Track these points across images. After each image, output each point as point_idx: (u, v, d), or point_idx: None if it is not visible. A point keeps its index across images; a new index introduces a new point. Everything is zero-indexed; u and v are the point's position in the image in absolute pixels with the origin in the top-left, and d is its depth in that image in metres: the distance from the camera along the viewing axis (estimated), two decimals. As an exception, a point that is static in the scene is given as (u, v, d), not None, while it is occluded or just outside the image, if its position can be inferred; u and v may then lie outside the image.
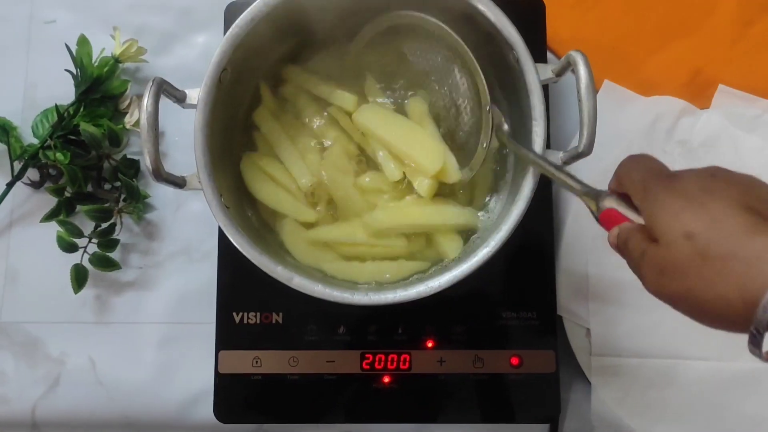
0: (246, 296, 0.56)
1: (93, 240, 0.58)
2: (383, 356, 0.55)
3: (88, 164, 0.59)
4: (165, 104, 0.43)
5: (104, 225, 0.58)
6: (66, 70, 0.59)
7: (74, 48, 0.59)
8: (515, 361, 0.55)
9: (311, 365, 0.55)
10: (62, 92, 0.60)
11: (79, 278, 0.57)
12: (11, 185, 0.59)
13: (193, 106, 0.45)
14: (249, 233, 0.46)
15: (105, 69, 0.59)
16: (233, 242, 0.44)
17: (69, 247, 0.57)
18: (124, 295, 0.60)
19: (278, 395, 0.55)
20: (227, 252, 0.57)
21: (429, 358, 0.55)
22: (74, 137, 0.59)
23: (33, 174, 0.60)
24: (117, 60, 0.59)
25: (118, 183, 0.59)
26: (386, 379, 0.55)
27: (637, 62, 0.62)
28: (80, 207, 0.58)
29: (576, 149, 0.43)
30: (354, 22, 0.52)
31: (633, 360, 0.56)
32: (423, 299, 0.44)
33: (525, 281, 0.56)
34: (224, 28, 0.59)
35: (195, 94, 0.45)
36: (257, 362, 0.55)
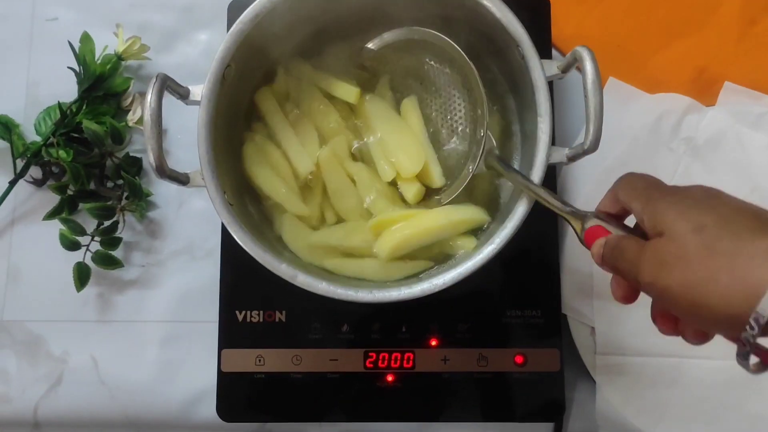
0: (249, 294, 0.56)
1: (95, 238, 0.57)
2: (387, 355, 0.55)
3: (91, 162, 0.59)
4: (168, 102, 0.43)
5: (107, 223, 0.58)
6: (69, 68, 0.59)
7: (77, 45, 0.59)
8: (519, 360, 0.55)
9: (314, 364, 0.55)
10: (65, 90, 0.60)
11: (82, 276, 0.57)
12: (14, 183, 0.59)
13: (197, 103, 0.45)
14: (252, 230, 0.45)
15: (108, 66, 0.59)
16: (236, 239, 0.44)
17: (71, 246, 0.57)
18: (127, 294, 0.60)
19: (281, 394, 0.55)
20: (230, 250, 0.57)
21: (433, 357, 0.55)
22: (77, 135, 0.59)
23: (35, 172, 0.60)
24: (120, 57, 0.59)
25: (121, 181, 0.59)
26: (390, 378, 0.55)
27: (643, 59, 0.62)
28: (83, 205, 0.58)
29: (582, 145, 0.42)
30: (359, 18, 0.51)
31: (638, 359, 0.56)
32: (427, 297, 0.44)
33: (529, 279, 0.56)
34: (227, 26, 0.59)
35: (198, 91, 0.45)
36: (260, 361, 0.55)
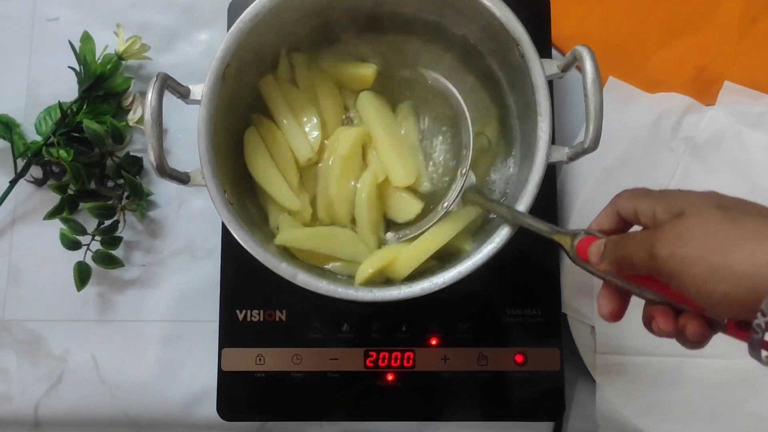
0: (249, 293, 0.56)
1: (96, 237, 0.57)
2: (387, 354, 0.55)
3: (91, 161, 0.59)
4: (168, 101, 0.43)
5: (107, 222, 0.58)
6: (69, 68, 0.59)
7: (77, 45, 0.59)
8: (519, 359, 0.55)
9: (315, 363, 0.55)
10: (65, 89, 0.60)
11: (82, 276, 0.57)
12: (14, 183, 0.59)
13: (197, 102, 0.45)
14: (253, 230, 0.45)
15: (108, 66, 0.59)
16: (237, 238, 0.44)
17: (72, 245, 0.57)
18: (127, 293, 0.60)
19: (281, 393, 0.55)
20: (230, 249, 0.57)
21: (433, 356, 0.55)
22: (77, 134, 0.59)
23: (36, 171, 0.60)
24: (120, 57, 0.59)
25: (122, 180, 0.59)
26: (390, 377, 0.55)
27: (642, 59, 0.62)
28: (83, 204, 0.58)
29: (581, 145, 0.42)
30: (358, 18, 0.51)
31: (638, 358, 0.56)
32: (427, 297, 0.44)
33: (529, 278, 0.56)
34: (227, 25, 0.59)
35: (198, 90, 0.45)
36: (260, 360, 0.55)
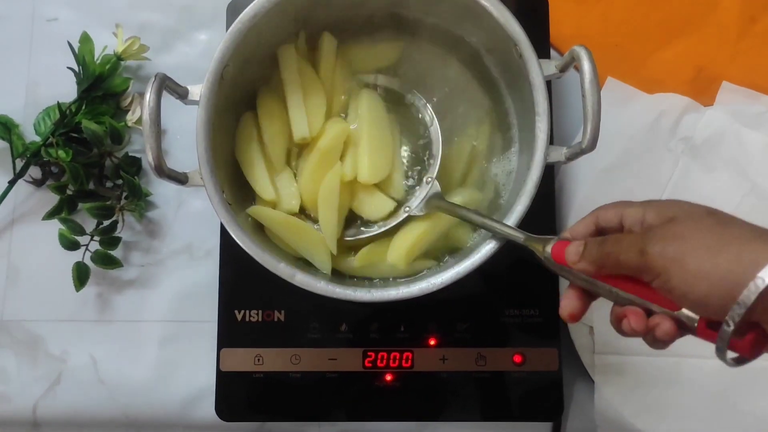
0: (248, 294, 0.56)
1: (95, 238, 0.57)
2: (385, 354, 0.55)
3: (90, 162, 0.59)
4: (167, 102, 0.43)
5: (106, 223, 0.58)
6: (68, 68, 0.59)
7: (76, 46, 0.59)
8: (518, 359, 0.55)
9: (313, 363, 0.55)
10: (64, 90, 0.60)
11: (81, 276, 0.57)
12: (13, 183, 0.59)
13: (195, 103, 0.45)
14: (251, 230, 0.45)
15: (107, 66, 0.59)
16: (235, 238, 0.44)
17: (71, 245, 0.57)
18: (126, 293, 0.60)
19: (280, 393, 0.55)
20: (229, 249, 0.57)
21: (431, 356, 0.55)
22: (76, 135, 0.59)
23: (35, 172, 0.60)
24: (119, 57, 0.59)
25: (120, 181, 0.59)
26: (388, 377, 0.55)
27: (641, 59, 0.62)
28: (82, 205, 0.58)
29: (579, 145, 0.43)
30: (356, 18, 0.51)
31: (636, 358, 0.56)
32: (425, 297, 0.44)
33: (528, 279, 0.56)
34: (226, 26, 0.59)
35: (197, 90, 0.45)
36: (259, 360, 0.55)
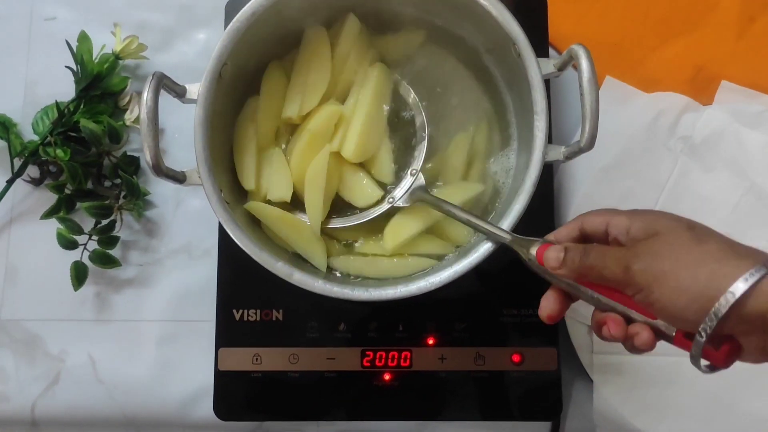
0: (246, 293, 0.56)
1: (93, 237, 0.57)
2: (384, 354, 0.55)
3: (89, 161, 0.59)
4: (165, 101, 0.43)
5: (104, 222, 0.58)
6: (66, 67, 0.59)
7: (75, 45, 0.59)
8: (517, 359, 0.55)
9: (312, 363, 0.55)
10: (62, 89, 0.60)
11: (79, 275, 0.57)
12: (11, 182, 0.59)
13: (193, 101, 0.45)
14: (249, 229, 0.45)
15: (105, 66, 0.59)
16: (233, 237, 0.44)
17: (69, 245, 0.57)
18: (124, 293, 0.60)
19: (278, 393, 0.55)
20: (227, 249, 0.57)
21: (430, 356, 0.55)
22: (74, 134, 0.59)
23: (33, 171, 0.60)
24: (117, 57, 0.59)
25: (118, 180, 0.59)
26: (387, 377, 0.55)
27: (640, 58, 0.62)
28: (80, 204, 0.58)
29: (577, 144, 0.43)
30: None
31: (635, 358, 0.56)
32: (424, 296, 0.44)
33: (527, 278, 0.55)
34: (225, 25, 0.58)
35: (195, 89, 0.45)
36: (257, 359, 0.55)
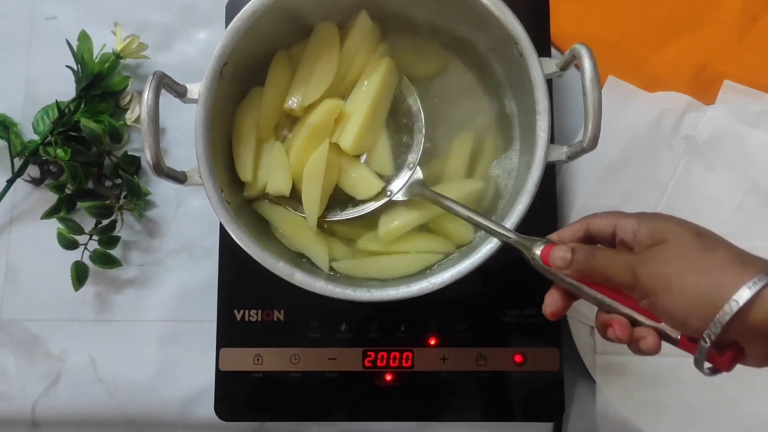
0: (247, 293, 0.56)
1: (94, 237, 0.57)
2: (385, 354, 0.55)
3: (89, 161, 0.59)
4: (165, 101, 0.43)
5: (105, 222, 0.58)
6: (67, 66, 0.59)
7: (75, 44, 0.59)
8: (519, 359, 0.55)
9: (313, 363, 0.55)
10: (63, 88, 0.60)
11: (80, 275, 0.57)
12: (12, 182, 0.59)
13: (194, 101, 0.45)
14: (250, 229, 0.45)
15: (106, 65, 0.59)
16: (234, 237, 0.44)
17: (69, 245, 0.56)
18: (125, 293, 0.60)
19: (279, 393, 0.55)
20: (228, 249, 0.56)
21: (432, 356, 0.55)
22: (75, 134, 0.59)
23: (33, 171, 0.60)
24: (118, 56, 0.59)
25: (119, 180, 0.59)
26: (388, 377, 0.55)
27: (642, 58, 0.62)
28: (81, 204, 0.58)
29: (580, 144, 0.42)
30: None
31: (638, 358, 0.55)
32: (426, 296, 0.44)
33: (529, 278, 0.55)
34: (226, 24, 0.58)
35: (196, 89, 0.45)
36: (258, 360, 0.55)
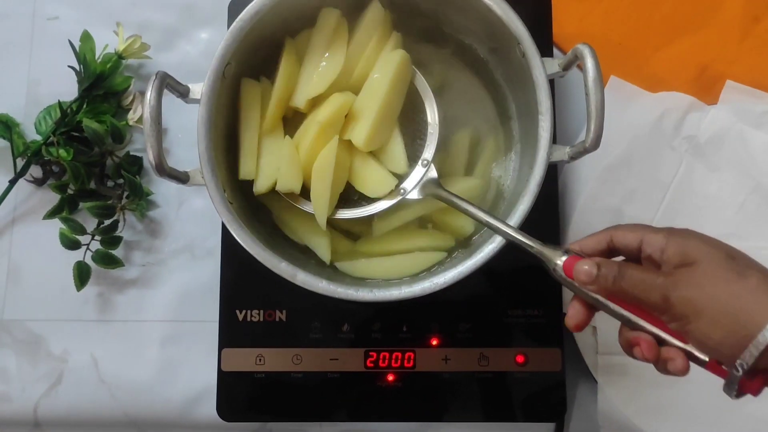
0: (249, 293, 0.56)
1: (96, 237, 0.57)
2: (387, 354, 0.55)
3: (91, 161, 0.59)
4: (168, 101, 0.43)
5: (107, 222, 0.58)
6: (69, 67, 0.59)
7: (77, 44, 0.59)
8: (521, 360, 0.55)
9: (315, 363, 0.55)
10: (65, 89, 0.60)
11: (82, 276, 0.57)
12: (14, 182, 0.59)
13: (197, 101, 0.45)
14: (252, 229, 0.45)
15: (108, 65, 0.59)
16: (236, 237, 0.44)
17: (72, 245, 0.57)
18: (127, 293, 0.60)
19: (282, 393, 0.55)
20: (230, 248, 0.56)
21: (434, 357, 0.55)
22: (77, 134, 0.59)
23: (36, 171, 0.60)
24: (120, 56, 0.59)
25: (121, 180, 0.59)
26: (390, 378, 0.55)
27: (644, 58, 0.62)
28: (83, 204, 0.58)
29: (582, 144, 0.42)
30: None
31: (640, 359, 0.56)
32: (428, 297, 0.44)
33: (531, 278, 0.56)
34: (228, 24, 0.58)
35: (198, 89, 0.45)
36: (260, 360, 0.55)
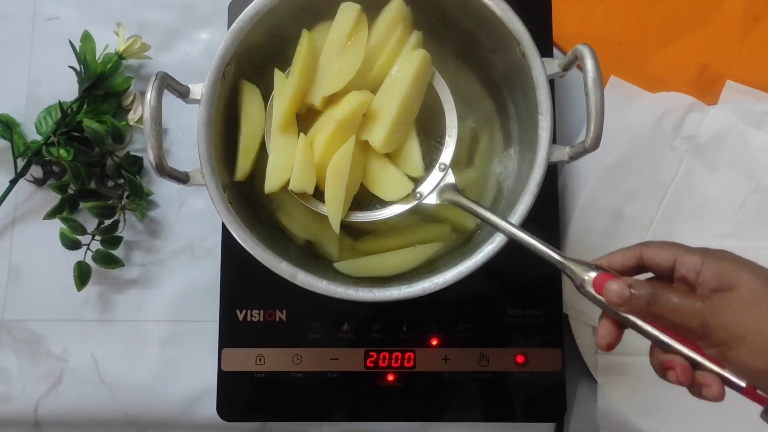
0: (249, 293, 0.56)
1: (96, 237, 0.57)
2: (387, 354, 0.55)
3: (92, 161, 0.59)
4: (168, 101, 0.43)
5: (107, 222, 0.58)
6: (69, 67, 0.59)
7: (78, 44, 0.59)
8: (521, 360, 0.55)
9: (315, 363, 0.55)
10: (65, 89, 0.60)
11: (82, 276, 0.57)
12: (14, 182, 0.59)
13: (197, 102, 0.45)
14: (252, 229, 0.45)
15: (108, 65, 0.59)
16: (236, 238, 0.44)
17: (72, 245, 0.57)
18: (127, 293, 0.60)
19: (282, 393, 0.55)
20: (230, 249, 0.56)
21: (434, 357, 0.55)
22: (77, 134, 0.59)
23: (36, 171, 0.60)
24: (120, 56, 0.59)
25: (122, 180, 0.59)
26: (390, 378, 0.55)
27: (644, 58, 0.62)
28: (83, 204, 0.58)
29: (582, 144, 0.42)
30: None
31: (640, 358, 0.55)
32: (428, 297, 0.44)
33: (531, 278, 0.56)
34: (228, 24, 0.58)
35: (198, 89, 0.45)
36: (260, 360, 0.55)
